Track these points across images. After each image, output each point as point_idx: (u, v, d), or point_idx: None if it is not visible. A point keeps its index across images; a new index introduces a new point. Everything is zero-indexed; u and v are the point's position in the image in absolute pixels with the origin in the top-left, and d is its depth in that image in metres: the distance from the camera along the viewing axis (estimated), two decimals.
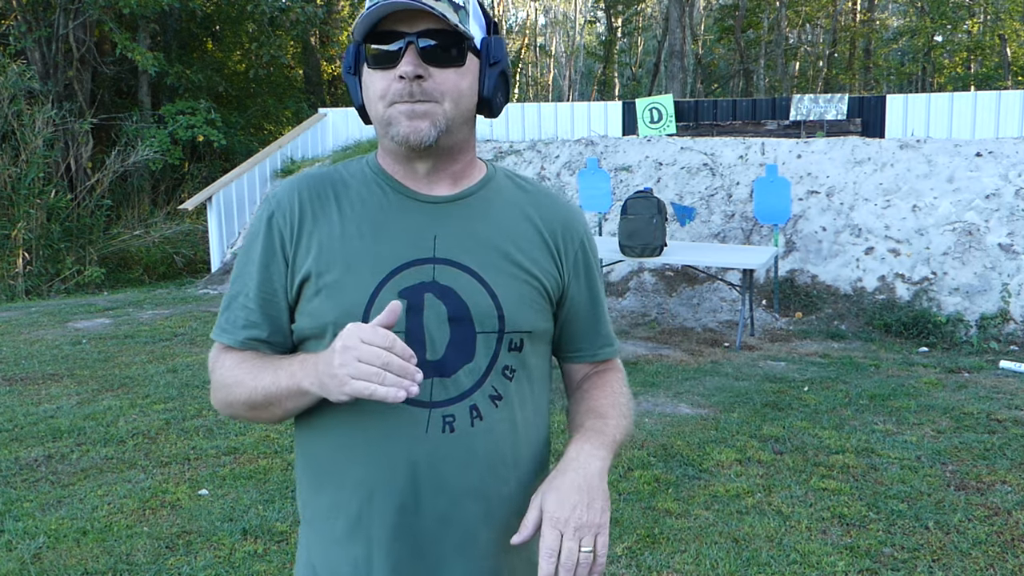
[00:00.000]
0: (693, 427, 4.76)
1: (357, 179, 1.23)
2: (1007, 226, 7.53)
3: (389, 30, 1.13)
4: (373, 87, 1.16)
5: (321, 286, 1.16)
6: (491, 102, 1.19)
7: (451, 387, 1.16)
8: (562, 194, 1.34)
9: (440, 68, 1.13)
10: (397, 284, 1.15)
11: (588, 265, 1.31)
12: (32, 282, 11.57)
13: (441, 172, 1.21)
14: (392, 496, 1.15)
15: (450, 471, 1.16)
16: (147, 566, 3.17)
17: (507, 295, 1.18)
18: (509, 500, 1.21)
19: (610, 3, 30.32)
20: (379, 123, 1.17)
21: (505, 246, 1.21)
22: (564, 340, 1.33)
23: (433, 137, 1.14)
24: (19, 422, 4.85)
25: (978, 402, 5.23)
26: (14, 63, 12.79)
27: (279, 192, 1.23)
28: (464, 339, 1.16)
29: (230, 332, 1.22)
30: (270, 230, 1.20)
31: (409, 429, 1.14)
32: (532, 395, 1.25)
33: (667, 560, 3.21)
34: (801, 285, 7.95)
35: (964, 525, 3.50)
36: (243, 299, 1.21)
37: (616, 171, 9.62)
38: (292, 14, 16.76)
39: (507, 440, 1.20)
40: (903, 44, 28.89)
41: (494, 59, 1.18)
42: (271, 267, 1.20)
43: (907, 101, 10.76)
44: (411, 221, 1.19)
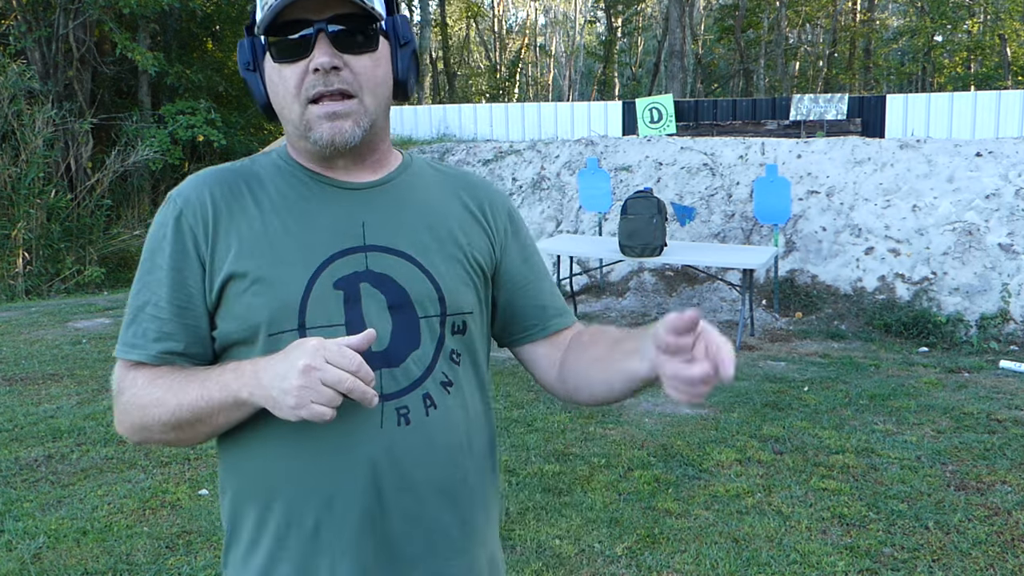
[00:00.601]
0: (693, 427, 4.77)
1: (270, 172, 1.15)
2: (1007, 226, 7.53)
3: (293, 19, 1.05)
4: (283, 83, 1.08)
5: (248, 285, 1.07)
6: (406, 85, 1.14)
7: (401, 377, 1.09)
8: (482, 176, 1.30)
9: (355, 56, 1.07)
10: (330, 275, 1.09)
11: (519, 237, 1.26)
12: (32, 282, 11.57)
13: (361, 162, 1.16)
14: (354, 500, 1.08)
15: (411, 465, 1.09)
16: (147, 566, 3.17)
17: (445, 276, 1.14)
18: (470, 490, 1.16)
19: (610, 3, 30.32)
20: (295, 125, 1.10)
21: (436, 226, 1.16)
22: (514, 320, 1.25)
23: (358, 137, 1.09)
24: (19, 422, 4.85)
25: (978, 402, 5.23)
26: (14, 63, 12.79)
27: (185, 190, 1.12)
28: (408, 326, 1.11)
29: (141, 347, 1.10)
30: (179, 231, 1.10)
31: (363, 426, 1.07)
32: (478, 379, 1.19)
33: (667, 560, 3.21)
34: (801, 285, 7.95)
35: (964, 525, 3.50)
36: (152, 309, 1.10)
37: (616, 171, 9.62)
38: None
39: (461, 427, 1.14)
40: (903, 44, 28.90)
41: (404, 39, 1.13)
42: (184, 271, 1.09)
43: (907, 101, 10.76)
44: (337, 209, 1.12)
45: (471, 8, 33.18)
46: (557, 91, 40.53)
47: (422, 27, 27.59)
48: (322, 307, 1.08)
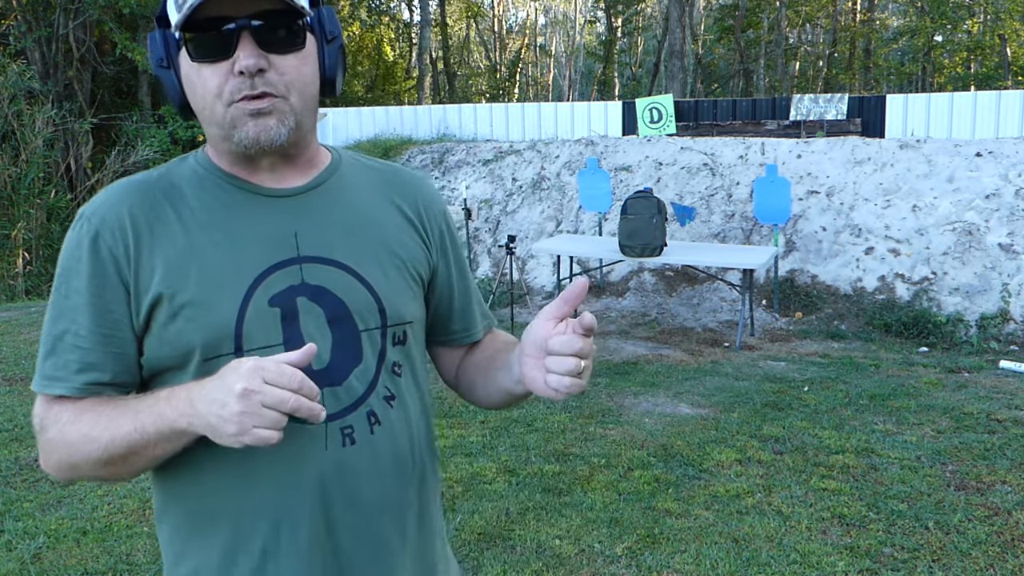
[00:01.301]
0: (693, 427, 4.76)
1: (191, 182, 1.06)
2: (1007, 226, 7.53)
3: (211, 15, 0.97)
4: (203, 85, 1.00)
5: (177, 308, 1.00)
6: (333, 81, 1.08)
7: (344, 395, 1.05)
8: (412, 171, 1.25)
9: (280, 55, 1.00)
10: (265, 292, 1.02)
11: (453, 241, 1.22)
12: (32, 282, 11.58)
13: (288, 164, 1.08)
14: (302, 521, 1.03)
15: (358, 484, 1.06)
16: (147, 566, 3.16)
17: (383, 286, 1.09)
18: (414, 502, 1.14)
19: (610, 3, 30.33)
20: (217, 125, 1.02)
21: (371, 233, 1.10)
22: (438, 323, 1.23)
23: (284, 136, 1.01)
24: (19, 422, 4.85)
25: (978, 402, 5.23)
26: (14, 63, 12.79)
27: (99, 207, 1.03)
28: (348, 340, 1.05)
29: (63, 379, 1.01)
30: (96, 254, 1.01)
31: (308, 448, 1.02)
32: (417, 388, 1.16)
33: (667, 560, 3.21)
34: (801, 285, 7.95)
35: (964, 525, 3.50)
36: (72, 338, 1.01)
37: (616, 171, 9.62)
38: None
39: (404, 439, 1.11)
40: (903, 44, 28.90)
41: (331, 34, 1.06)
42: (105, 296, 1.01)
43: (907, 101, 10.77)
44: (266, 220, 1.05)
45: (471, 8, 33.19)
46: (557, 91, 40.53)
47: (422, 27, 27.57)
48: (259, 327, 1.01)
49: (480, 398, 1.21)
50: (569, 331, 0.95)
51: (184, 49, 1.00)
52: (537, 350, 0.97)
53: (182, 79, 1.03)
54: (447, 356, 1.26)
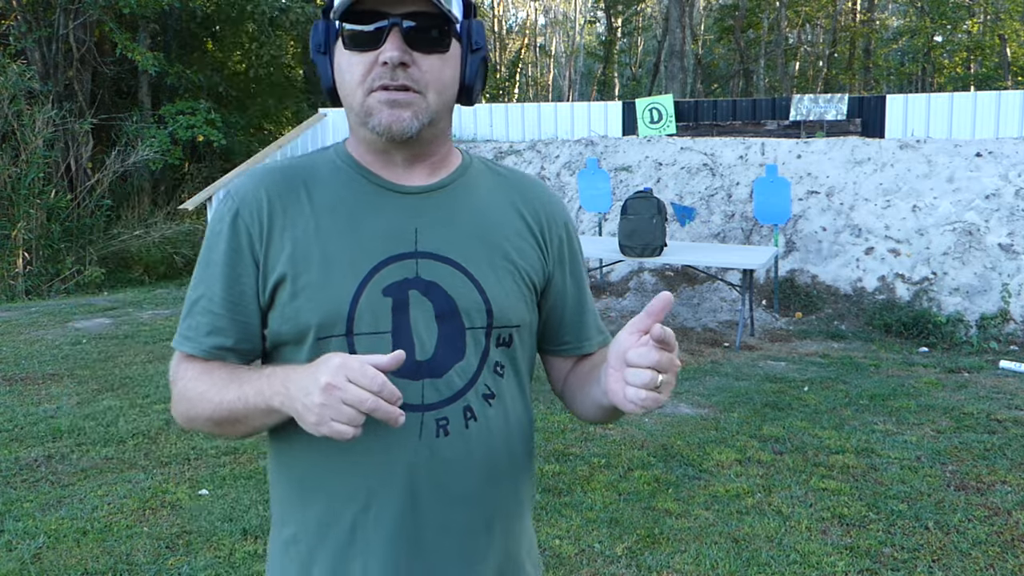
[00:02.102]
0: (693, 427, 4.76)
1: (327, 170, 1.14)
2: (1007, 226, 7.53)
3: (369, 9, 1.05)
4: (351, 71, 1.07)
5: (299, 288, 1.08)
6: (471, 90, 1.13)
7: (443, 388, 1.10)
8: (541, 181, 1.28)
9: (424, 54, 1.06)
10: (380, 281, 1.08)
11: (572, 252, 1.25)
12: (32, 282, 11.57)
13: (419, 162, 1.14)
14: (389, 505, 1.09)
15: (447, 476, 1.10)
16: (147, 566, 3.17)
17: (494, 288, 1.12)
18: (505, 501, 1.17)
19: (610, 3, 30.33)
20: (356, 111, 1.09)
21: (489, 236, 1.14)
22: (549, 332, 1.25)
23: (415, 128, 1.07)
24: (19, 422, 4.85)
25: (978, 402, 5.23)
26: (14, 63, 12.78)
27: (242, 187, 1.13)
28: (453, 336, 1.10)
29: (193, 340, 1.12)
30: (235, 228, 1.10)
31: (402, 435, 1.08)
32: (521, 391, 1.19)
33: (667, 560, 3.21)
34: (801, 285, 7.95)
35: (964, 525, 3.50)
36: (206, 303, 1.11)
37: (616, 171, 9.62)
38: (292, 14, 16.76)
39: (500, 439, 1.14)
40: (903, 44, 28.90)
41: (476, 44, 1.12)
42: (238, 268, 1.10)
43: (907, 101, 10.76)
44: (390, 214, 1.12)
45: None
46: (557, 91, 40.53)
47: None
48: (370, 313, 1.08)
49: (579, 411, 1.22)
50: (647, 343, 0.95)
51: (340, 39, 1.08)
52: (619, 362, 0.98)
53: (334, 66, 1.11)
54: (557, 365, 1.28)
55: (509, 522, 1.18)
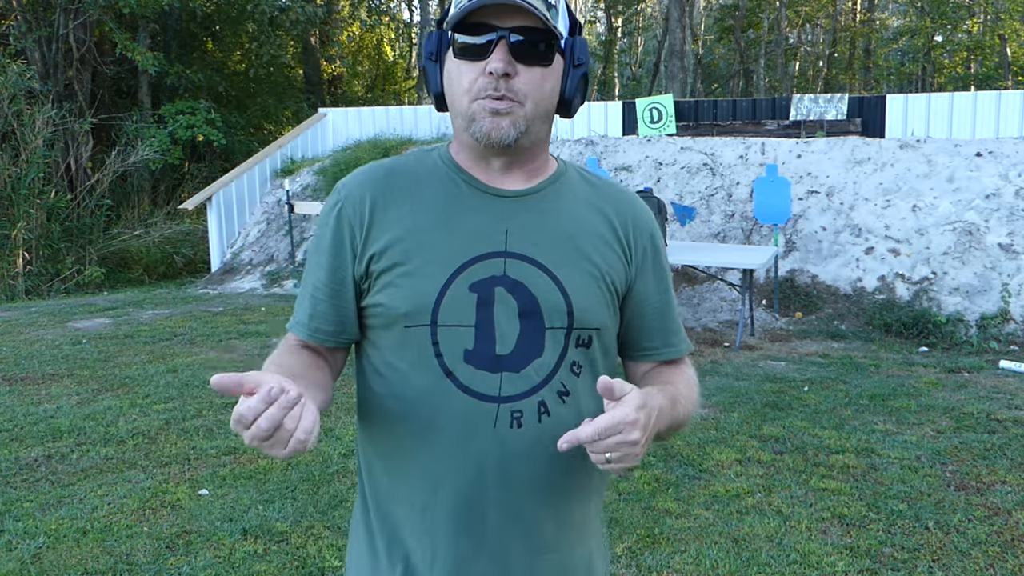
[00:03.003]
0: (693, 427, 4.76)
1: (429, 170, 1.22)
2: (1007, 226, 7.53)
3: (480, 22, 1.12)
4: (459, 79, 1.14)
5: (393, 278, 1.16)
6: (571, 103, 1.19)
7: (520, 382, 1.15)
8: (631, 191, 1.33)
9: (528, 66, 1.12)
10: (468, 277, 1.14)
11: (657, 261, 1.28)
12: (32, 282, 11.57)
13: (516, 168, 1.20)
14: (458, 489, 1.15)
15: (517, 466, 1.15)
16: (147, 566, 3.17)
17: (577, 291, 1.17)
18: (574, 494, 1.21)
19: (610, 3, 30.33)
20: (461, 117, 1.15)
21: (576, 241, 1.20)
22: (630, 338, 1.29)
23: (513, 137, 1.13)
24: (19, 422, 4.85)
25: (978, 402, 5.23)
26: (14, 63, 12.78)
27: (349, 182, 1.22)
28: (533, 334, 1.15)
29: (299, 322, 1.22)
30: (339, 221, 1.19)
31: (478, 423, 1.14)
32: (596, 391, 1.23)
33: (667, 560, 3.21)
34: (801, 285, 7.95)
35: (964, 525, 3.50)
36: (312, 289, 1.21)
37: (616, 171, 9.62)
38: (292, 14, 16.75)
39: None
40: (903, 44, 28.89)
41: (579, 61, 1.17)
42: (340, 257, 1.19)
43: (907, 101, 10.76)
44: (483, 214, 1.18)
45: None
46: None
47: (422, 27, 27.56)
48: (455, 306, 1.14)
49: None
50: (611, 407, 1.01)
51: (451, 47, 1.15)
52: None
53: (443, 74, 1.18)
54: (633, 369, 1.33)
55: (575, 518, 1.22)
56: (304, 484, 3.93)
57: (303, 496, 3.80)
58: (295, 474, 4.06)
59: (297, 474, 4.06)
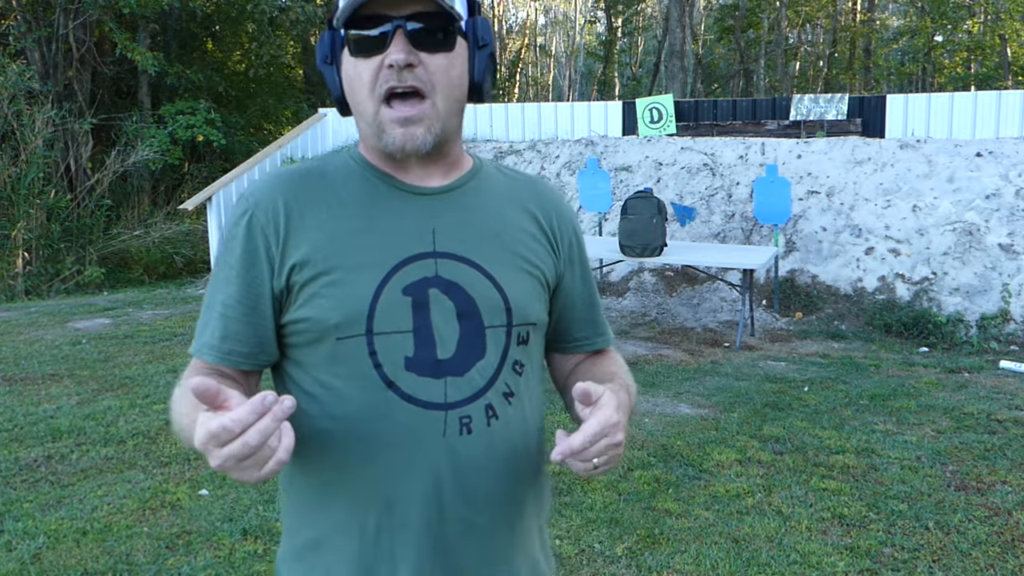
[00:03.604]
0: (693, 427, 4.76)
1: (342, 173, 1.15)
2: (1007, 226, 7.53)
3: (372, 14, 1.05)
4: (359, 78, 1.08)
5: (319, 288, 1.08)
6: (481, 87, 1.13)
7: (465, 386, 1.10)
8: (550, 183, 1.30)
9: (430, 53, 1.06)
10: (400, 281, 1.09)
11: (582, 253, 1.28)
12: (32, 282, 11.57)
13: (433, 163, 1.15)
14: (415, 506, 1.09)
15: (472, 475, 1.10)
16: (147, 566, 3.16)
17: (512, 287, 1.14)
18: (523, 498, 1.18)
19: (610, 3, 30.33)
20: (368, 124, 1.10)
21: (504, 236, 1.16)
22: (561, 330, 1.28)
23: (430, 143, 1.09)
24: (19, 422, 4.85)
25: (978, 402, 5.23)
26: (14, 63, 12.78)
27: (257, 190, 1.13)
28: (474, 335, 1.11)
29: (209, 346, 1.12)
30: (250, 232, 1.10)
31: (426, 433, 1.08)
32: (535, 389, 1.21)
33: (667, 560, 3.21)
34: (801, 285, 7.95)
35: (964, 525, 3.50)
36: (221, 308, 1.11)
37: (616, 171, 9.62)
38: (292, 14, 16.76)
39: (519, 437, 1.16)
40: (903, 44, 28.90)
41: (483, 41, 1.12)
42: (253, 271, 1.10)
43: (907, 101, 10.75)
44: (407, 214, 1.13)
45: None
46: (557, 91, 40.52)
47: None
48: (390, 312, 1.08)
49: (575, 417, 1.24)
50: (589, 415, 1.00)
51: (346, 46, 1.09)
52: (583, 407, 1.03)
53: (342, 76, 1.11)
54: (561, 363, 1.31)
55: (529, 521, 1.19)
56: None
57: None
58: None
59: None
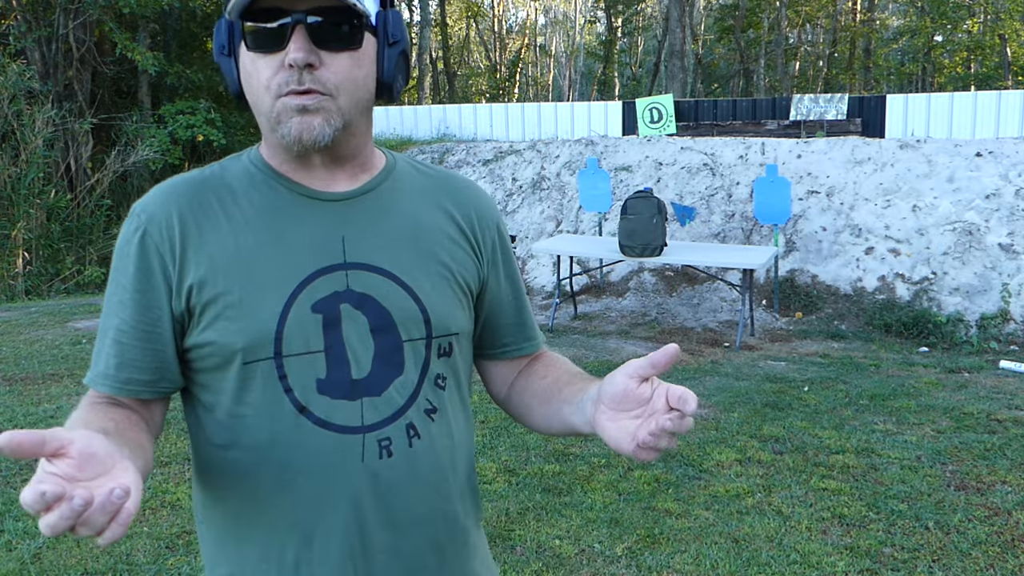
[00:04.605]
0: (693, 427, 4.76)
1: (242, 180, 1.05)
2: (1007, 226, 7.53)
3: (270, 6, 0.96)
4: (256, 75, 0.98)
5: (221, 309, 0.99)
6: (391, 86, 1.04)
7: (383, 407, 1.03)
8: (469, 179, 1.22)
9: (333, 52, 0.97)
10: (308, 296, 1.00)
11: (506, 253, 1.19)
12: (32, 282, 11.57)
13: (339, 166, 1.06)
14: (335, 536, 1.02)
15: (394, 500, 1.03)
16: (147, 566, 3.17)
17: (430, 296, 1.06)
18: (451, 517, 1.11)
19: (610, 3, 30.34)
20: (264, 117, 1.00)
21: (420, 241, 1.08)
22: (488, 336, 1.20)
23: (328, 136, 0.99)
24: (19, 422, 4.85)
25: (978, 402, 5.23)
26: (14, 63, 12.79)
27: (148, 204, 1.03)
28: (390, 350, 1.03)
29: (104, 375, 1.04)
30: (144, 250, 1.01)
31: (343, 460, 1.01)
32: (462, 403, 1.14)
33: (667, 560, 3.21)
34: (801, 285, 7.95)
35: (964, 525, 3.50)
36: (115, 333, 1.02)
37: (616, 171, 9.62)
38: None
39: (445, 454, 1.09)
40: (903, 44, 28.91)
41: (393, 38, 1.02)
42: (148, 294, 1.01)
43: (907, 101, 10.76)
44: (314, 223, 1.03)
45: (471, 8, 33.19)
46: (557, 91, 40.53)
47: (422, 27, 27.57)
48: (300, 332, 1.00)
49: (536, 424, 1.17)
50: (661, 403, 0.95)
51: (243, 39, 1.00)
52: (613, 402, 0.96)
53: (239, 68, 1.02)
54: (498, 371, 1.23)
55: (459, 539, 1.12)
56: None
57: None
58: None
59: None
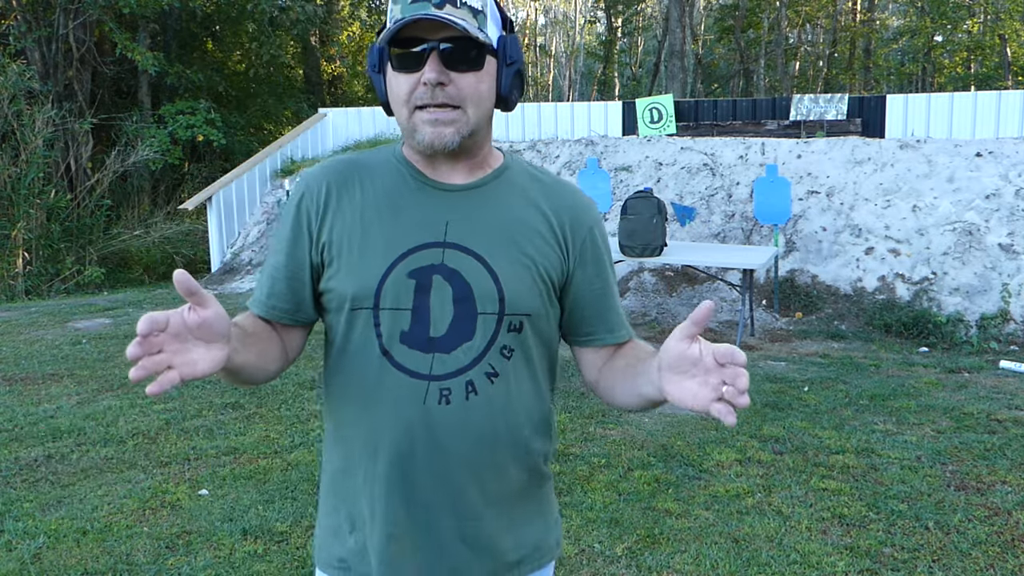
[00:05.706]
0: (693, 427, 4.76)
1: (382, 165, 1.32)
2: (1007, 226, 7.53)
3: (412, 36, 1.20)
4: (398, 89, 1.23)
5: (341, 264, 1.26)
6: (508, 99, 1.27)
7: (449, 363, 1.24)
8: (576, 187, 1.41)
9: (460, 73, 1.20)
10: (408, 265, 1.24)
11: (596, 253, 1.36)
12: (32, 282, 11.56)
13: (460, 163, 1.29)
14: (392, 455, 1.25)
15: (444, 437, 1.24)
16: (147, 566, 3.17)
17: (509, 280, 1.25)
18: (500, 469, 1.29)
19: (610, 3, 30.32)
20: (404, 126, 1.25)
21: (512, 233, 1.28)
22: (574, 325, 1.38)
23: (456, 143, 1.22)
24: (19, 422, 4.85)
25: (978, 402, 5.23)
26: (14, 63, 12.78)
27: (310, 175, 1.32)
28: (465, 319, 1.24)
29: (257, 300, 1.32)
30: (299, 210, 1.30)
31: (409, 398, 1.24)
32: (531, 374, 1.31)
33: (667, 560, 3.21)
34: (801, 285, 7.95)
35: (964, 525, 3.50)
36: (271, 270, 1.31)
37: (616, 171, 9.62)
38: (292, 14, 16.75)
39: (500, 414, 1.27)
40: (903, 44, 28.90)
41: (511, 59, 1.26)
42: (298, 243, 1.29)
43: (907, 101, 10.75)
44: (426, 206, 1.28)
45: None
46: (557, 91, 40.51)
47: None
48: (394, 292, 1.24)
49: (619, 402, 1.33)
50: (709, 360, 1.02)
51: (389, 61, 1.24)
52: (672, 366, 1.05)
53: (386, 84, 1.27)
54: (586, 357, 1.40)
55: (504, 492, 1.30)
56: (304, 484, 3.93)
57: (303, 496, 3.80)
58: (295, 474, 4.06)
59: (297, 474, 4.06)
